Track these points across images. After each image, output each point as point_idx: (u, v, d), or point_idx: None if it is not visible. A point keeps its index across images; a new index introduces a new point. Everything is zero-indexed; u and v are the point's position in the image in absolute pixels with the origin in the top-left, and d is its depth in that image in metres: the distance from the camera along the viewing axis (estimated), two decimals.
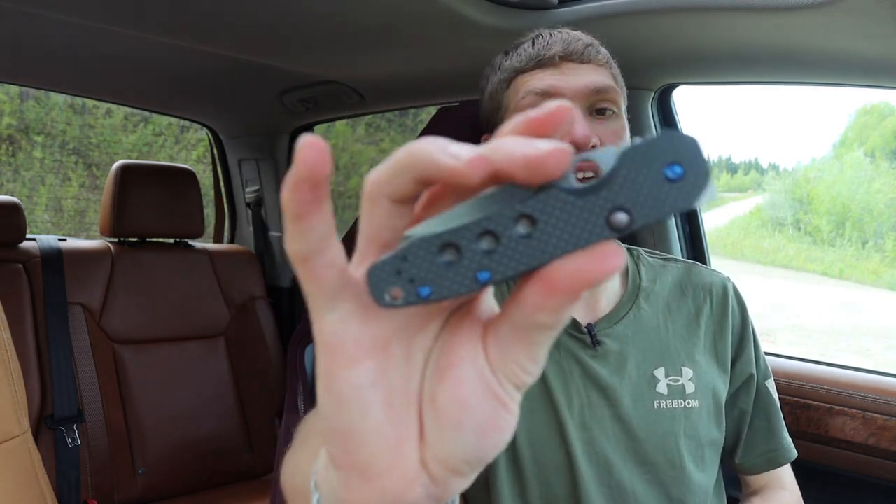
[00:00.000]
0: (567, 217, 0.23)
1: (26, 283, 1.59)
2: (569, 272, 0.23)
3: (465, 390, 0.26)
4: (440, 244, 0.23)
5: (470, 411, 0.26)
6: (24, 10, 1.15)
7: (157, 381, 1.72)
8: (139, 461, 1.66)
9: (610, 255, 0.22)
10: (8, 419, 0.68)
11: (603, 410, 0.81)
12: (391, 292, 0.24)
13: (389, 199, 0.24)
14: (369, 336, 0.26)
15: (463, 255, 0.23)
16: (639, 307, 0.86)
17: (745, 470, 0.90)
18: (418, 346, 0.27)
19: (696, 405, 0.83)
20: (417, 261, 0.24)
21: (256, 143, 2.10)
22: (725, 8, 0.96)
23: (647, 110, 1.32)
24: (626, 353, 0.83)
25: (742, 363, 0.88)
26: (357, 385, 0.26)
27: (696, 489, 0.81)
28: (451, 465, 0.26)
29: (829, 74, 1.08)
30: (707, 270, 0.93)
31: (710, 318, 0.88)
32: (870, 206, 4.45)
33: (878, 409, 1.09)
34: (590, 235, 0.23)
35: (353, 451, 0.26)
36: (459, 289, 0.24)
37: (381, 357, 0.26)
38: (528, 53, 0.82)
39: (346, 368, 0.26)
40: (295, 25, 1.22)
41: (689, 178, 0.22)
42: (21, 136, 3.69)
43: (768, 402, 0.89)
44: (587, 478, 0.78)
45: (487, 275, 0.23)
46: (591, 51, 0.82)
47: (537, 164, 0.22)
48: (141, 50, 1.39)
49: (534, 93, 0.80)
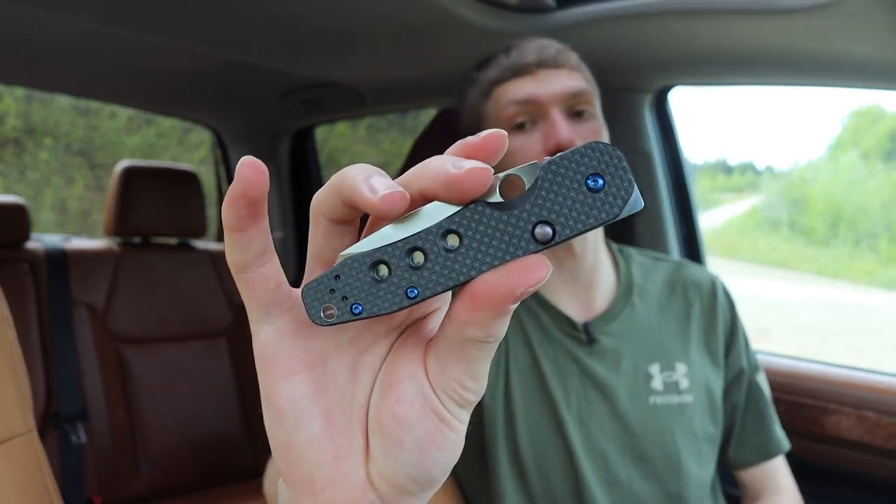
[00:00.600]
0: (492, 231, 0.23)
1: (31, 283, 1.60)
2: (493, 285, 0.23)
3: (405, 407, 0.26)
4: (371, 262, 0.24)
5: (410, 428, 0.26)
6: (28, 13, 1.16)
7: (161, 380, 1.74)
8: (143, 459, 1.67)
9: (534, 268, 0.23)
10: (13, 417, 0.69)
11: (600, 407, 0.82)
12: (325, 310, 0.25)
13: (328, 220, 0.26)
14: (304, 350, 0.27)
15: (393, 273, 0.24)
16: (633, 305, 0.88)
17: (739, 464, 0.91)
18: (365, 364, 0.28)
19: (691, 400, 0.84)
20: (350, 279, 0.24)
21: (258, 144, 2.11)
22: (721, 11, 0.98)
23: (644, 112, 1.33)
24: (622, 351, 0.85)
25: (733, 358, 0.90)
26: (292, 397, 0.26)
27: (694, 483, 0.82)
28: (397, 483, 0.27)
29: (824, 76, 1.09)
30: (696, 268, 0.95)
31: (700, 315, 0.90)
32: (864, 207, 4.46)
33: (873, 407, 1.10)
34: (515, 249, 0.23)
35: (294, 464, 0.27)
36: (390, 306, 0.24)
37: (319, 372, 0.27)
38: (504, 64, 0.85)
39: (281, 380, 0.26)
40: (297, 27, 1.23)
41: (610, 189, 0.22)
42: (27, 137, 3.69)
43: (759, 396, 0.91)
44: (587, 473, 0.79)
45: (416, 291, 0.24)
46: (564, 56, 0.85)
47: (456, 182, 0.22)
48: (144, 52, 1.40)
49: (515, 102, 0.83)
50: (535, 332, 0.86)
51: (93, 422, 1.61)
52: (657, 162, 1.34)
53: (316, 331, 0.27)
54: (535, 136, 0.82)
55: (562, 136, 0.79)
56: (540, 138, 0.82)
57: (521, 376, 0.84)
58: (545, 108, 0.82)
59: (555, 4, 1.13)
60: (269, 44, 1.33)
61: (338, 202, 0.25)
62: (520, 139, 0.83)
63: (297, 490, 0.27)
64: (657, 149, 1.35)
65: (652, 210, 1.35)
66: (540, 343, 0.85)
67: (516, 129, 0.83)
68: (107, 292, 1.71)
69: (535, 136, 0.82)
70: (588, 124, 0.84)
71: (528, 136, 0.83)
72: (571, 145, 0.79)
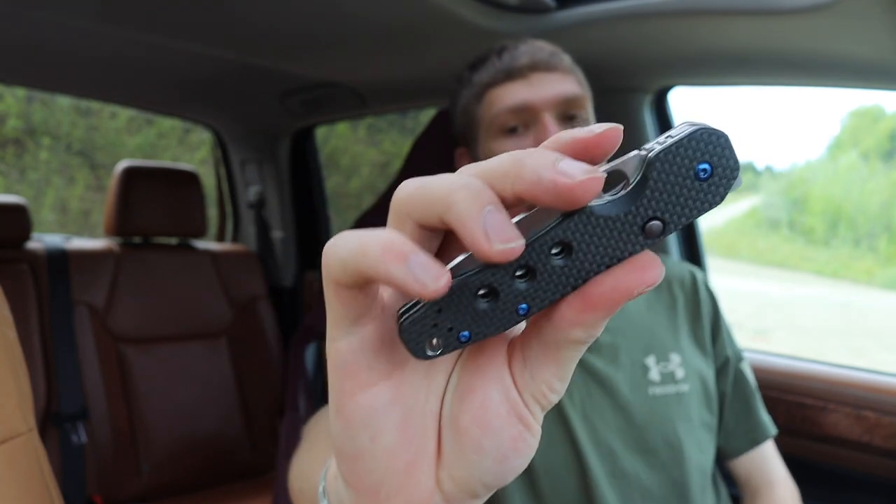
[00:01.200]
0: (603, 236, 0.22)
1: (32, 283, 1.60)
2: (610, 287, 0.22)
3: (490, 413, 0.25)
4: (475, 289, 0.22)
5: (493, 434, 0.25)
6: (28, 13, 1.17)
7: (161, 380, 1.74)
8: (143, 458, 1.67)
9: (649, 266, 0.22)
10: (14, 417, 0.69)
11: (603, 400, 0.83)
12: (430, 344, 0.23)
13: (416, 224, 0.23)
14: (386, 360, 0.25)
15: (501, 294, 0.22)
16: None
17: (729, 453, 0.92)
18: (439, 366, 0.26)
19: (687, 389, 0.86)
20: (454, 308, 0.22)
21: (259, 144, 2.11)
22: (721, 11, 0.98)
23: (644, 112, 1.33)
24: (618, 344, 0.86)
25: (719, 348, 0.92)
26: (370, 408, 0.25)
27: (696, 471, 0.84)
28: (468, 487, 0.25)
29: (824, 76, 1.09)
30: (674, 263, 0.97)
31: (685, 309, 0.92)
32: (864, 207, 4.47)
33: (872, 407, 1.10)
34: (626, 247, 0.22)
35: (363, 474, 0.26)
36: (501, 327, 0.23)
37: (398, 379, 0.25)
38: (497, 67, 0.84)
39: (359, 392, 0.25)
40: (297, 28, 1.23)
41: (718, 173, 0.21)
42: (27, 138, 3.70)
43: (744, 384, 0.93)
44: (594, 467, 0.80)
45: (526, 307, 0.22)
46: (557, 59, 0.84)
47: (568, 193, 0.20)
48: (145, 53, 1.40)
49: (507, 110, 0.82)
50: None
51: (93, 421, 1.61)
52: None
53: (398, 339, 0.25)
54: (527, 141, 0.83)
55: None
56: (532, 143, 0.82)
57: None
58: (538, 114, 0.82)
59: (555, 4, 1.13)
60: (269, 44, 1.33)
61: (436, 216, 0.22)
62: (511, 144, 0.83)
63: (360, 495, 0.26)
64: None
65: None
66: None
67: (508, 132, 0.84)
68: (107, 292, 1.72)
69: (527, 141, 0.83)
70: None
71: (519, 140, 0.83)
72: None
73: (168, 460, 1.70)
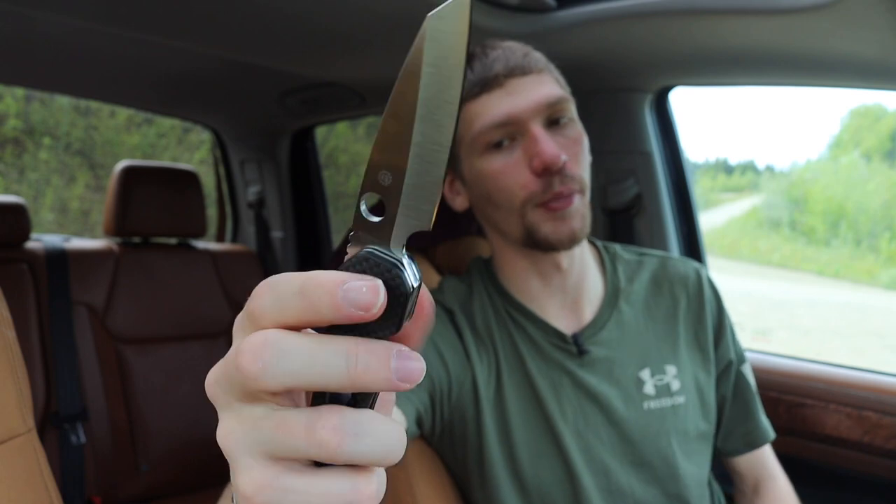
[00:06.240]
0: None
1: (31, 283, 1.60)
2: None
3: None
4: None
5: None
6: (28, 13, 1.16)
7: (160, 380, 1.74)
8: (142, 458, 1.67)
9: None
10: (13, 417, 0.69)
11: (596, 417, 0.82)
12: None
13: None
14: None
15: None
16: (619, 310, 0.87)
17: (726, 453, 0.92)
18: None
19: (683, 401, 0.85)
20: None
21: (258, 144, 2.11)
22: (721, 11, 0.97)
23: (644, 112, 1.33)
24: (613, 358, 0.84)
25: (721, 350, 0.91)
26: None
27: (691, 482, 0.83)
28: None
29: (825, 76, 1.09)
30: (680, 261, 0.94)
31: (687, 311, 0.90)
32: (865, 207, 4.47)
33: (873, 407, 1.10)
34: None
35: None
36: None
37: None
38: (469, 78, 0.80)
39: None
40: (296, 28, 1.23)
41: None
42: (26, 137, 3.70)
43: (745, 387, 0.91)
44: (587, 485, 0.79)
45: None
46: (530, 60, 0.81)
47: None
48: (144, 52, 1.40)
49: (491, 125, 0.79)
50: (526, 348, 0.85)
51: (92, 422, 1.61)
52: (657, 162, 1.34)
53: None
54: (516, 155, 0.79)
55: (547, 155, 0.76)
56: (522, 157, 0.79)
57: (516, 392, 0.83)
58: (523, 124, 0.78)
59: (555, 4, 1.12)
60: (268, 44, 1.33)
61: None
62: (500, 160, 0.80)
63: None
64: (657, 149, 1.35)
65: (652, 210, 1.35)
66: (532, 358, 0.84)
67: (493, 148, 0.80)
68: (107, 292, 1.71)
69: (517, 155, 0.79)
70: (568, 131, 0.81)
71: (508, 155, 0.80)
72: (558, 163, 0.76)
73: (167, 460, 1.70)
